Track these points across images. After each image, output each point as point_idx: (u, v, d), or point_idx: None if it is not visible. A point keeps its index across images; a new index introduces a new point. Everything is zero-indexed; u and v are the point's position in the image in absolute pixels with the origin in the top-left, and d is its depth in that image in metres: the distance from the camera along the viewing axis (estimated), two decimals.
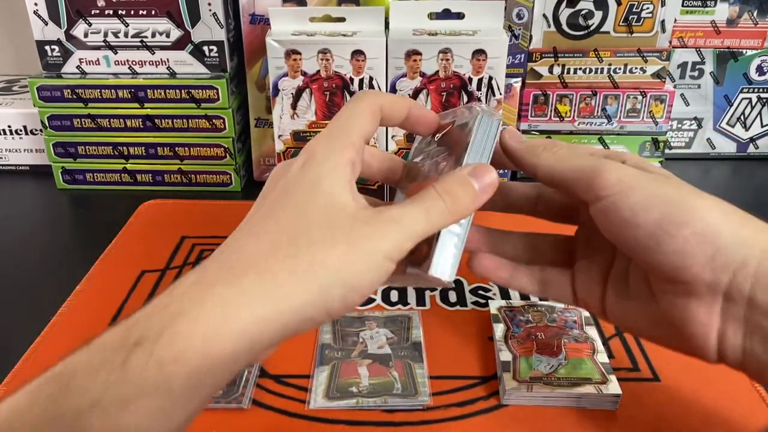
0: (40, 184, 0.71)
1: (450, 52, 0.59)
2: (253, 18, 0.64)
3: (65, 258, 0.58)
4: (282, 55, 0.59)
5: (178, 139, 0.66)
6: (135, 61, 0.65)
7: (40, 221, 0.65)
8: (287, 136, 0.63)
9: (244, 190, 0.70)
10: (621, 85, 0.68)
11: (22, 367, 0.43)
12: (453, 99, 0.61)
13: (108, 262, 0.54)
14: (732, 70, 0.72)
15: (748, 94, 0.73)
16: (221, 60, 0.65)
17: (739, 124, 0.75)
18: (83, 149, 0.67)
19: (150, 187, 0.69)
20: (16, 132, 0.71)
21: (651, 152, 0.70)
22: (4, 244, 0.60)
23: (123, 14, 0.63)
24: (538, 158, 0.34)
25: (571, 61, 0.67)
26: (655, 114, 0.68)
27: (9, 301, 0.51)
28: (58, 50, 0.65)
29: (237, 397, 0.39)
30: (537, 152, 0.34)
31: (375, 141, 0.63)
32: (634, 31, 0.66)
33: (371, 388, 0.40)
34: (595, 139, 0.69)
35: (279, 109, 0.62)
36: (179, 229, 0.59)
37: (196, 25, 0.63)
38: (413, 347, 0.44)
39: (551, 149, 0.34)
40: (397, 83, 0.60)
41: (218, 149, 0.67)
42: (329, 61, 0.59)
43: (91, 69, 0.66)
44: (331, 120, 0.32)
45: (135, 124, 0.66)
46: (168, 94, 0.64)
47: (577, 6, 0.65)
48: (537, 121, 0.69)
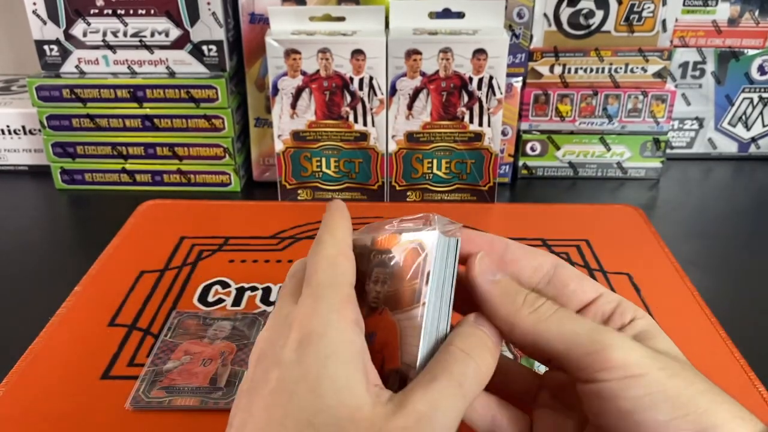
0: (38, 184, 0.70)
1: (450, 51, 0.59)
2: (253, 17, 0.64)
3: (64, 258, 0.58)
4: (281, 54, 0.59)
5: (177, 138, 0.66)
6: (134, 61, 0.65)
7: (38, 221, 0.65)
8: (287, 136, 0.63)
9: (244, 190, 0.69)
10: (622, 84, 0.68)
11: (22, 367, 0.42)
12: (453, 98, 0.60)
13: (107, 262, 0.54)
14: (733, 69, 0.72)
15: (749, 94, 0.73)
16: (220, 59, 0.65)
17: (740, 123, 0.75)
18: (82, 149, 0.67)
19: (149, 187, 0.69)
20: (14, 132, 0.71)
21: (652, 152, 0.69)
22: (2, 244, 0.60)
23: (122, 14, 0.63)
24: (516, 316, 0.27)
25: (572, 61, 0.67)
26: (657, 114, 0.68)
27: (8, 301, 0.51)
28: (57, 50, 0.65)
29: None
30: (515, 306, 0.27)
31: (375, 141, 0.62)
32: (635, 31, 0.66)
33: None
34: (596, 138, 0.69)
35: (278, 108, 0.61)
36: (178, 229, 0.59)
37: (195, 24, 0.63)
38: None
39: (533, 305, 0.27)
40: (397, 83, 0.60)
41: (217, 149, 0.66)
42: (329, 61, 0.59)
43: (90, 69, 0.65)
44: (306, 276, 0.26)
45: (134, 123, 0.65)
46: (167, 93, 0.64)
47: (578, 5, 0.65)
48: (538, 121, 0.69)
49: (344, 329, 0.24)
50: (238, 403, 0.25)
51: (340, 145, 0.63)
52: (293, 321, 0.25)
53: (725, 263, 0.58)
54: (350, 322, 0.25)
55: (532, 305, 0.27)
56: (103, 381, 0.41)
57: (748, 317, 0.50)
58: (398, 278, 0.27)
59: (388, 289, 0.28)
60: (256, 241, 0.57)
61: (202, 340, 0.44)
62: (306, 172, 0.65)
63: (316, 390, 0.23)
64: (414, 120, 0.61)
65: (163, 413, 0.39)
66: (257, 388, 0.24)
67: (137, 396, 0.40)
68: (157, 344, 0.44)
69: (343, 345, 0.24)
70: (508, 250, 0.30)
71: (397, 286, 0.27)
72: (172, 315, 0.47)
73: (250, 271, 0.53)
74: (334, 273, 0.26)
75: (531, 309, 0.27)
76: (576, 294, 0.29)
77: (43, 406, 0.39)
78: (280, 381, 0.24)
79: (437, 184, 0.65)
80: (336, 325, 0.24)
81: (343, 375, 0.23)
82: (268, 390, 0.24)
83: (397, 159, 0.63)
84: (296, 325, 0.25)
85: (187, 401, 0.39)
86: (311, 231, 0.58)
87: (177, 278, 0.52)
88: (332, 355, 0.23)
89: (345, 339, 0.24)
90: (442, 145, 0.63)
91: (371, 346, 0.26)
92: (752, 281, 0.55)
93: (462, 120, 0.61)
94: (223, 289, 0.51)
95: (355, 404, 0.23)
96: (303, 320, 0.25)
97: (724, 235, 0.62)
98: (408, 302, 0.27)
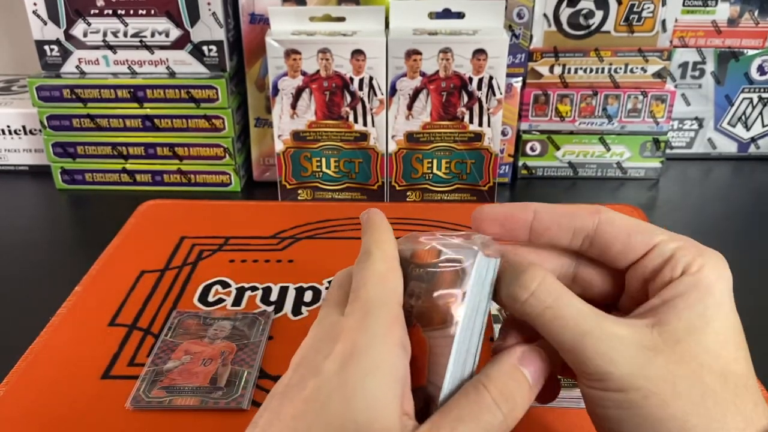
0: (39, 184, 0.71)
1: (450, 51, 0.59)
2: (253, 17, 0.64)
3: (64, 258, 0.58)
4: (282, 54, 0.59)
5: (177, 138, 0.66)
6: (134, 61, 0.65)
7: (39, 221, 0.65)
8: (287, 136, 0.63)
9: (244, 190, 0.69)
10: (622, 84, 0.68)
11: (22, 367, 0.42)
12: (453, 99, 0.60)
13: (107, 262, 0.54)
14: (733, 69, 0.72)
15: (749, 94, 0.73)
16: (221, 60, 0.65)
17: (740, 124, 0.75)
18: (82, 149, 0.67)
19: (149, 187, 0.69)
20: (15, 132, 0.71)
21: (652, 152, 0.69)
22: (2, 244, 0.60)
23: (122, 14, 0.63)
24: (511, 302, 0.26)
25: (571, 61, 0.67)
26: (656, 114, 0.68)
27: (8, 301, 0.51)
28: (57, 50, 0.65)
29: (236, 398, 0.39)
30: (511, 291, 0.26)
31: (375, 141, 0.62)
32: (635, 31, 0.66)
33: None
34: (596, 138, 0.69)
35: (279, 108, 0.61)
36: (178, 229, 0.59)
37: (196, 24, 0.63)
38: None
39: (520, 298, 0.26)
40: (397, 83, 0.60)
41: (218, 149, 0.66)
42: (329, 61, 0.59)
43: (90, 69, 0.65)
44: (354, 288, 0.26)
45: (134, 123, 0.66)
46: (167, 93, 0.64)
47: (578, 5, 0.65)
48: (537, 121, 0.69)
49: (389, 351, 0.24)
50: (268, 404, 0.25)
51: (340, 145, 0.63)
52: (340, 333, 0.25)
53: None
54: (396, 344, 0.24)
55: (519, 298, 0.26)
56: (103, 381, 0.41)
57: (747, 317, 0.50)
58: (433, 295, 0.27)
59: (422, 304, 0.27)
60: (257, 241, 0.57)
61: (202, 340, 0.44)
62: (306, 172, 0.65)
63: (350, 403, 0.23)
64: (414, 120, 0.62)
65: (163, 413, 0.39)
66: (291, 393, 0.24)
67: (137, 396, 0.40)
68: (158, 344, 0.44)
69: (386, 366, 0.24)
70: (536, 219, 0.28)
71: (431, 302, 0.27)
72: (173, 315, 0.47)
73: (251, 271, 0.53)
74: (384, 289, 0.26)
75: (519, 303, 0.26)
76: (621, 256, 0.27)
77: (43, 406, 0.39)
78: (316, 390, 0.23)
79: (437, 184, 0.65)
80: (382, 346, 0.24)
81: (380, 395, 0.23)
82: (301, 397, 0.24)
83: (397, 159, 0.63)
84: (343, 338, 0.24)
85: (188, 401, 0.39)
86: (311, 231, 0.59)
87: (177, 278, 0.52)
88: (373, 372, 0.23)
89: (388, 360, 0.24)
90: (442, 145, 0.63)
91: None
92: (752, 281, 0.55)
93: (462, 120, 0.61)
94: (224, 289, 0.51)
95: (384, 427, 0.23)
96: (350, 334, 0.24)
97: (723, 235, 0.62)
98: (441, 320, 0.26)
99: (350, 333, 0.24)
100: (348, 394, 0.23)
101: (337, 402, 0.23)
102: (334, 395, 0.23)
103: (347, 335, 0.24)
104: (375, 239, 0.28)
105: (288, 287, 0.51)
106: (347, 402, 0.23)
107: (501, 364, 0.26)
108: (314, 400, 0.23)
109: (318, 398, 0.23)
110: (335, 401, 0.23)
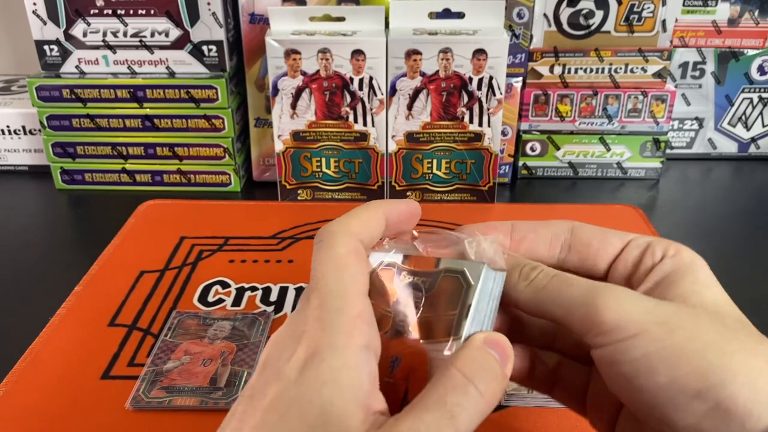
0: (38, 184, 0.70)
1: (450, 51, 0.59)
2: (253, 17, 0.64)
3: (64, 258, 0.58)
4: (281, 54, 0.59)
5: (177, 139, 0.66)
6: (134, 61, 0.65)
7: (38, 222, 0.65)
8: (287, 136, 0.63)
9: (244, 190, 0.69)
10: (622, 84, 0.68)
11: (22, 367, 0.42)
12: (453, 99, 0.60)
13: (107, 263, 0.54)
14: (733, 69, 0.72)
15: (749, 94, 0.73)
16: (220, 60, 0.65)
17: (740, 124, 0.75)
18: (82, 149, 0.67)
19: (149, 187, 0.69)
20: (14, 132, 0.71)
21: (652, 152, 0.69)
22: (2, 244, 0.60)
23: (122, 14, 0.63)
24: (515, 291, 0.26)
25: (571, 61, 0.67)
26: (656, 114, 0.68)
27: (8, 301, 0.51)
28: (57, 50, 0.65)
29: (236, 397, 0.39)
30: (511, 282, 0.26)
31: (375, 141, 0.62)
32: (635, 31, 0.66)
33: None
34: (596, 138, 0.69)
35: (278, 108, 0.61)
36: (178, 229, 0.59)
37: (196, 24, 0.63)
38: None
39: (528, 277, 0.26)
40: (397, 83, 0.60)
41: (217, 149, 0.66)
42: (329, 61, 0.59)
43: (90, 69, 0.65)
44: (312, 275, 0.25)
45: (134, 124, 0.65)
46: (167, 93, 0.64)
47: (578, 5, 0.65)
48: (537, 121, 0.69)
49: (352, 354, 0.23)
50: (237, 408, 0.24)
51: (340, 145, 0.63)
52: (303, 332, 0.24)
53: (725, 263, 0.57)
54: (358, 345, 0.23)
55: (528, 277, 0.26)
56: (103, 381, 0.41)
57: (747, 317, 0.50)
58: (434, 306, 0.26)
59: (421, 315, 0.26)
60: (256, 241, 0.57)
61: (202, 340, 0.44)
62: (306, 172, 0.65)
63: (306, 417, 0.22)
64: (414, 120, 0.62)
65: (163, 413, 0.39)
66: (255, 399, 0.24)
67: (137, 396, 0.40)
68: (157, 344, 0.44)
69: (346, 371, 0.22)
70: (514, 231, 0.29)
71: (431, 313, 0.26)
72: (172, 315, 0.47)
73: (250, 271, 0.53)
74: (342, 279, 0.24)
75: (527, 281, 0.26)
76: (601, 252, 0.27)
77: (43, 406, 0.39)
78: (276, 399, 0.23)
79: (437, 184, 0.65)
80: (343, 350, 0.23)
81: (338, 404, 0.22)
82: (262, 406, 0.23)
83: (397, 159, 0.63)
84: (305, 338, 0.23)
85: (187, 401, 0.39)
86: (311, 231, 0.58)
87: (177, 278, 0.52)
88: (331, 381, 0.22)
89: (348, 364, 0.23)
90: (442, 145, 0.63)
91: (393, 372, 0.25)
92: (752, 281, 0.55)
93: (462, 120, 0.61)
94: (223, 289, 0.51)
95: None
96: (311, 334, 0.23)
97: (723, 235, 0.62)
98: (443, 333, 0.25)
99: (311, 333, 0.23)
100: (305, 408, 0.22)
101: (294, 413, 0.22)
102: (292, 408, 0.22)
103: (309, 336, 0.23)
104: (342, 218, 0.26)
105: (288, 287, 0.51)
106: (303, 415, 0.22)
107: (465, 348, 0.25)
108: (273, 410, 0.22)
109: (277, 409, 0.22)
110: (293, 415, 0.22)
